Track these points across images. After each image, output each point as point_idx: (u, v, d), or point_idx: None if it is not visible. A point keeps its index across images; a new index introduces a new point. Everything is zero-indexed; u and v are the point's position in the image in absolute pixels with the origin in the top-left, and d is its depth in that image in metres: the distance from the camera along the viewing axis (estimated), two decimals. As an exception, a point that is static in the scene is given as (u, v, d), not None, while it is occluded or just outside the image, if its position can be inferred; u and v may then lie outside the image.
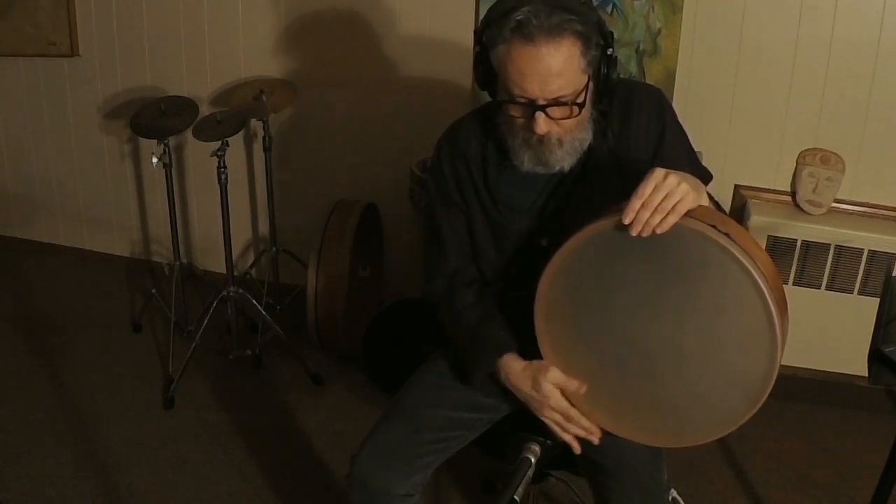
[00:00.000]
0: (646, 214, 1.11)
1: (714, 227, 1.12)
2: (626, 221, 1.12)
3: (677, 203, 1.11)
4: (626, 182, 1.39)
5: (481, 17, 1.37)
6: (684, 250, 1.13)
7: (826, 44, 2.51)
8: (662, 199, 1.10)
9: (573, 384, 1.29)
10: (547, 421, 1.37)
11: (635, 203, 1.11)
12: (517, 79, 1.27)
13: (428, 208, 1.60)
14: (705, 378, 1.19)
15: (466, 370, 1.49)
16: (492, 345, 1.43)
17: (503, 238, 1.48)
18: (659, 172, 1.12)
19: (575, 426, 1.33)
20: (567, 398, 1.33)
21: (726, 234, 1.11)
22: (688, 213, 1.13)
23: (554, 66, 1.25)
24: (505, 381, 1.41)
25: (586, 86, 1.31)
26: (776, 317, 1.10)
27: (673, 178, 1.11)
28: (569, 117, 1.31)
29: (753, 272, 1.10)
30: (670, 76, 2.65)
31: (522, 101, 1.30)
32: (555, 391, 1.32)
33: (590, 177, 1.41)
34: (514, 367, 1.39)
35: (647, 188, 1.11)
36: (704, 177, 1.46)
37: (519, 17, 1.24)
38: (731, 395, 1.18)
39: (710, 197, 1.38)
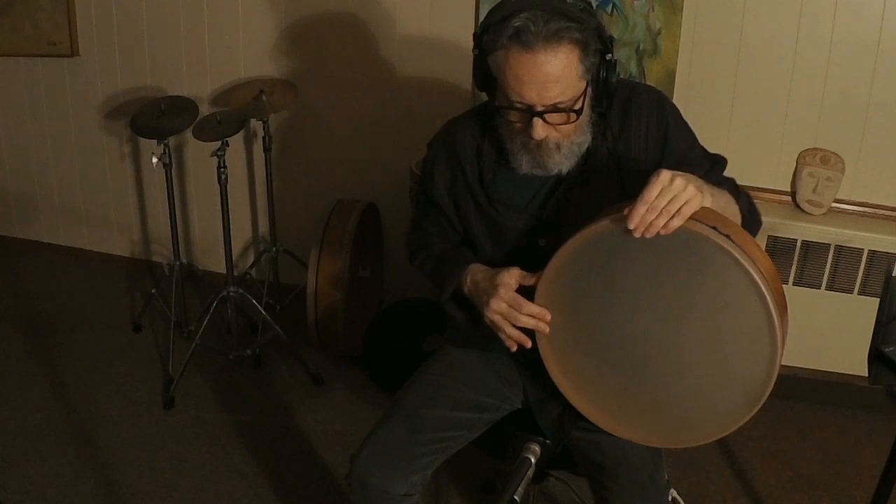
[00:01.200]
0: (650, 217, 1.10)
1: (715, 228, 1.12)
2: (631, 226, 1.11)
3: (683, 206, 1.10)
4: (626, 183, 1.39)
5: (481, 17, 1.37)
6: (685, 251, 1.13)
7: (826, 44, 2.50)
8: (668, 201, 1.10)
9: (532, 279, 1.29)
10: (493, 317, 1.36)
11: (640, 207, 1.10)
12: (515, 85, 1.27)
13: (417, 192, 1.65)
14: (705, 379, 1.19)
15: (437, 291, 1.52)
16: (460, 259, 1.49)
17: (499, 236, 1.48)
18: (665, 175, 1.11)
19: (524, 316, 1.31)
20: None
21: (727, 236, 1.11)
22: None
23: (552, 73, 1.24)
24: (469, 286, 1.43)
25: (584, 91, 1.30)
26: (776, 318, 1.10)
27: (680, 180, 1.11)
28: (567, 123, 1.31)
29: (753, 273, 1.09)
30: (670, 76, 2.65)
31: (520, 106, 1.30)
32: (507, 280, 1.33)
33: (589, 178, 1.41)
34: (478, 268, 1.43)
35: (652, 192, 1.10)
36: (719, 162, 1.46)
37: (517, 24, 1.23)
38: (730, 395, 1.18)
39: (733, 182, 1.38)
